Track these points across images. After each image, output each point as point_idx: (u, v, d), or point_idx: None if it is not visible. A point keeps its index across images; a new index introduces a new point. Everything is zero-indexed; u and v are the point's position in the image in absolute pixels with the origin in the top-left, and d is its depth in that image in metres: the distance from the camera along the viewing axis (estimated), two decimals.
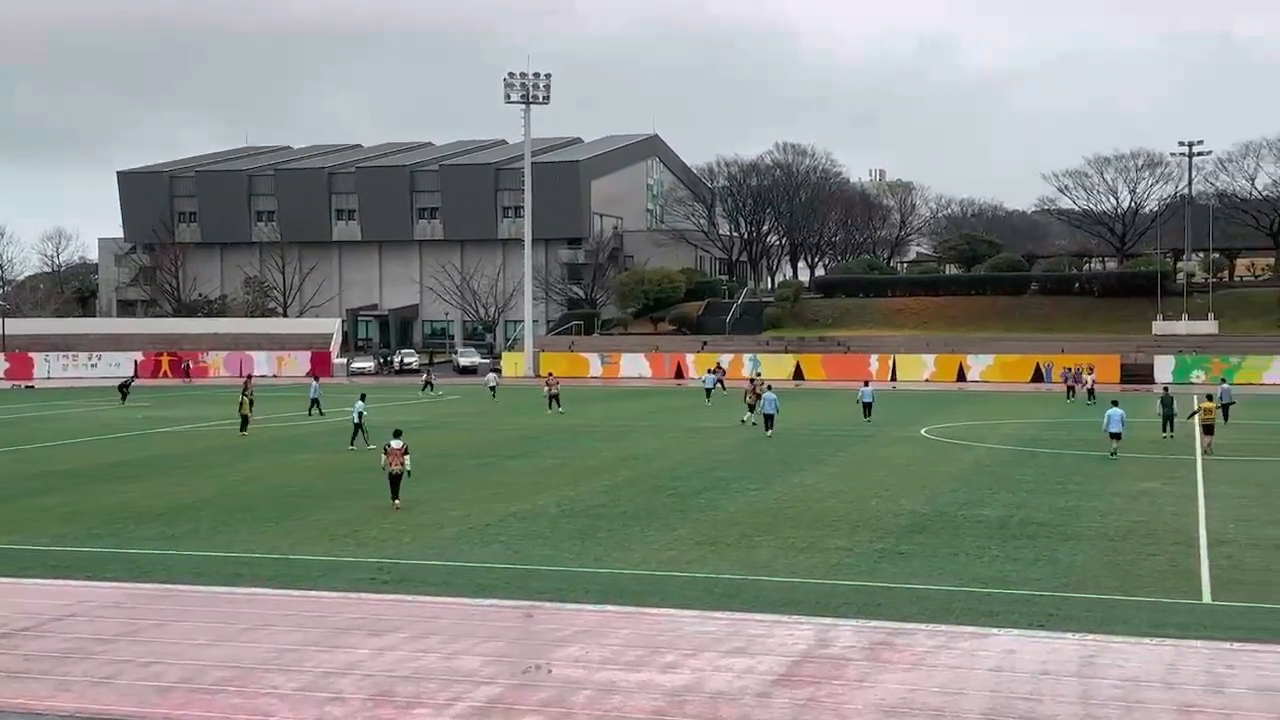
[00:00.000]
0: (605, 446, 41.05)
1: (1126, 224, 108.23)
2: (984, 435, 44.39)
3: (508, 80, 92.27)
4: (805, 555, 22.29)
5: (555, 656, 15.71)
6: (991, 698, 13.91)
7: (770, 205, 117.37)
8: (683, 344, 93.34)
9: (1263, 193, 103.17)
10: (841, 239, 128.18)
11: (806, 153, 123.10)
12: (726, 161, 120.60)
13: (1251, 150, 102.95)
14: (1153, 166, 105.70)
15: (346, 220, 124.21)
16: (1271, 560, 21.53)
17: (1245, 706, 13.60)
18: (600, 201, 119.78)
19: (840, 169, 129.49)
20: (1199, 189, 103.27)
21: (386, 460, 27.64)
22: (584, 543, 23.62)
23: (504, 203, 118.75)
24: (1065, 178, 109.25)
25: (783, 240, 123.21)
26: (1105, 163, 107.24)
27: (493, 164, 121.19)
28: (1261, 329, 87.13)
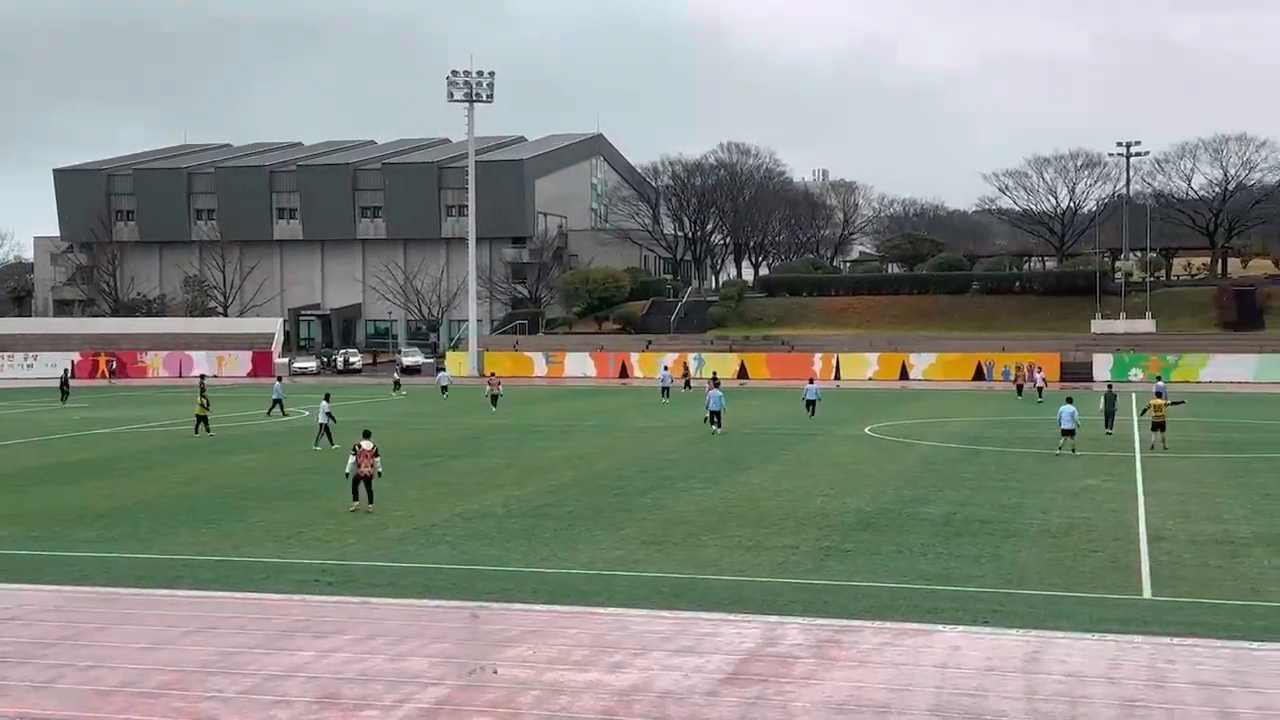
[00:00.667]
0: (551, 446, 40.97)
1: (1066, 224, 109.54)
2: (927, 433, 44.74)
3: (451, 79, 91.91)
4: (752, 554, 22.35)
5: (502, 657, 15.64)
6: (937, 694, 14.01)
7: (714, 204, 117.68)
8: (627, 343, 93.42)
9: (1199, 193, 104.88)
10: (785, 238, 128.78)
11: (750, 152, 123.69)
12: (671, 161, 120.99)
13: (1188, 151, 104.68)
14: (1091, 167, 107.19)
15: (288, 219, 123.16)
16: (1209, 556, 21.85)
17: (1186, 700, 13.79)
18: (544, 200, 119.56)
19: (784, 168, 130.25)
20: (1137, 189, 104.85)
21: (355, 461, 26.81)
22: (530, 543, 23.55)
23: (447, 201, 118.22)
24: (1005, 178, 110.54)
25: (727, 239, 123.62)
26: (1045, 163, 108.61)
27: (436, 163, 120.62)
28: (1198, 327, 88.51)
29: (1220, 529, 24.44)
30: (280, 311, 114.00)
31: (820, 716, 13.27)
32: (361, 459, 26.69)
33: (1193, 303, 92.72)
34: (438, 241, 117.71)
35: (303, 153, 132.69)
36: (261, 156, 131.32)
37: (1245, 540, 23.24)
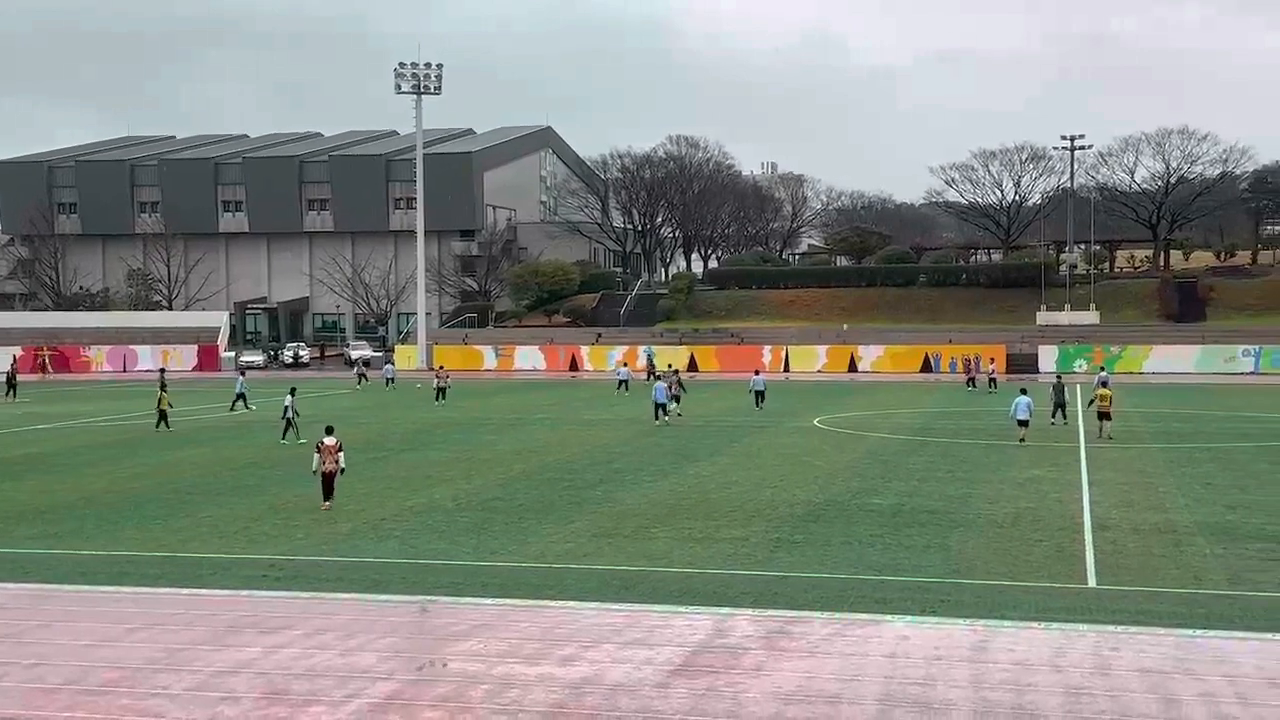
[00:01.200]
0: (501, 439, 40.87)
1: (1011, 216, 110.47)
2: (875, 425, 45.02)
3: (398, 70, 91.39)
4: (701, 546, 22.40)
5: (453, 651, 15.60)
6: (886, 684, 14.11)
7: (663, 197, 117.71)
8: (577, 336, 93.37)
9: (1141, 186, 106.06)
10: (734, 231, 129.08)
11: (699, 145, 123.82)
12: (620, 154, 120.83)
13: (1131, 144, 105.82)
14: (1036, 160, 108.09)
15: (233, 212, 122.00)
16: (1153, 545, 22.13)
17: (1130, 688, 13.96)
18: (493, 193, 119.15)
19: (732, 162, 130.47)
20: (1080, 182, 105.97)
21: (320, 459, 26.32)
22: (480, 536, 23.49)
23: (395, 194, 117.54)
24: (952, 171, 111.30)
25: (676, 232, 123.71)
26: (990, 156, 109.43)
27: (383, 155, 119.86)
28: (1141, 319, 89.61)
29: (1163, 518, 24.76)
30: (226, 305, 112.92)
31: (770, 707, 13.33)
32: (325, 455, 26.29)
33: (1136, 295, 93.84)
34: (386, 234, 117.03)
35: (248, 145, 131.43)
36: (206, 149, 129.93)
37: (1188, 529, 23.57)
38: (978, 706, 13.32)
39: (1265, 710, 13.17)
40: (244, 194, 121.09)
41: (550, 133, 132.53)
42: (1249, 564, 20.49)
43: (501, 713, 13.19)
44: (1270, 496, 27.34)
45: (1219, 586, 19.01)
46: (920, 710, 13.20)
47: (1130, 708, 13.27)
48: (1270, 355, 76.91)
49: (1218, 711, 13.16)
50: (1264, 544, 22.06)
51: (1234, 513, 25.29)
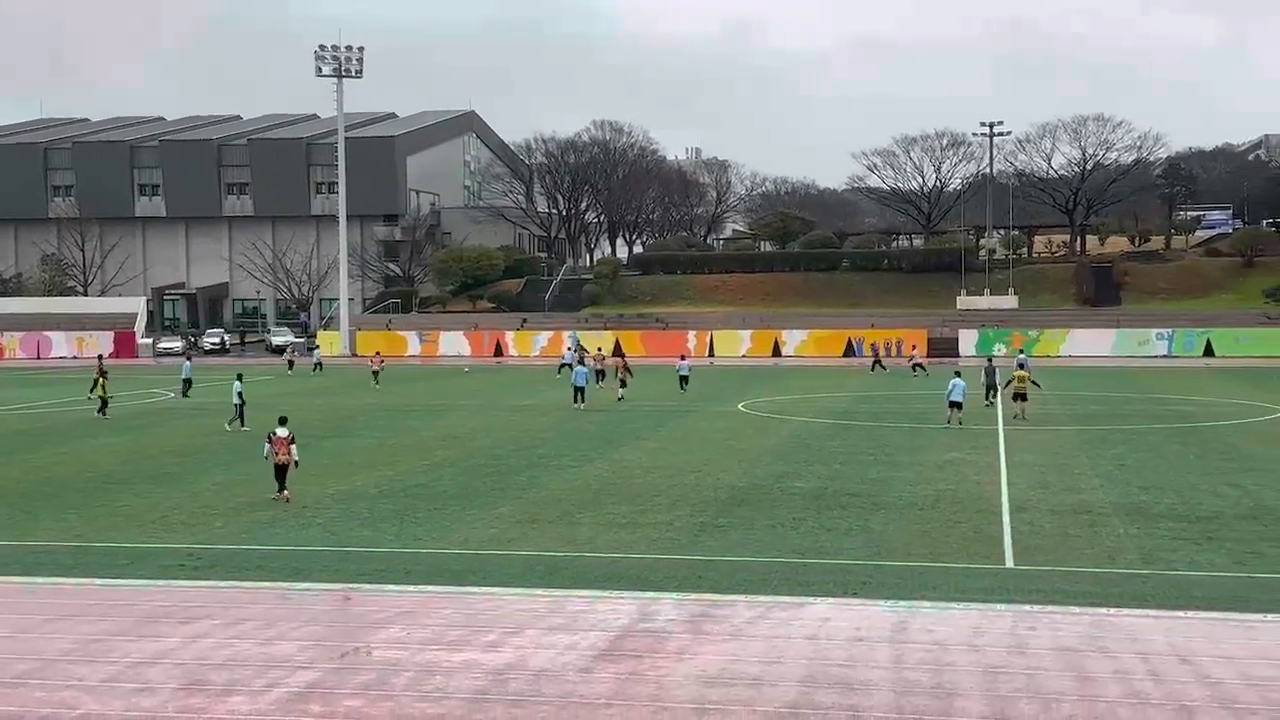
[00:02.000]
0: (424, 426, 40.64)
1: (932, 202, 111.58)
2: (799, 409, 45.35)
3: (319, 53, 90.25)
4: (626, 531, 22.45)
5: (375, 639, 15.51)
6: (808, 665, 14.24)
7: (588, 183, 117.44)
8: (502, 321, 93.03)
9: (1058, 172, 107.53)
10: (659, 216, 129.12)
11: (624, 130, 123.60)
12: (544, 138, 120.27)
13: (1048, 131, 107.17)
14: (956, 146, 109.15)
15: (150, 196, 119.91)
16: (1069, 526, 22.52)
17: (1046, 666, 14.21)
18: (416, 178, 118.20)
19: (657, 147, 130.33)
20: (1000, 168, 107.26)
21: (271, 449, 25.69)
22: (404, 523, 23.36)
23: (317, 178, 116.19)
24: (874, 156, 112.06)
25: (601, 217, 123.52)
26: (912, 142, 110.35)
27: (304, 139, 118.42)
28: (1059, 303, 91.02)
29: (1079, 499, 25.20)
30: (144, 291, 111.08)
31: (693, 691, 13.40)
32: (278, 446, 25.58)
33: (1053, 279, 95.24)
34: (307, 219, 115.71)
35: (165, 128, 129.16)
36: (122, 131, 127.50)
37: (1102, 509, 24.01)
38: (897, 686, 13.49)
39: (1176, 686, 13.46)
40: (161, 178, 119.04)
41: (474, 117, 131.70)
42: (1161, 543, 20.93)
43: (424, 700, 13.14)
44: (1181, 477, 27.93)
45: (1132, 565, 19.40)
46: (841, 690, 13.34)
47: (1046, 686, 13.50)
48: (1182, 338, 78.49)
49: (1131, 689, 13.43)
50: (1175, 523, 22.54)
51: (1147, 493, 25.80)
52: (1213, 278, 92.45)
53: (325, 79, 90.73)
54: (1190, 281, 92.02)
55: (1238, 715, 12.59)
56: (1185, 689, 13.37)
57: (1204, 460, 30.66)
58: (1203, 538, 21.27)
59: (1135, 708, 12.84)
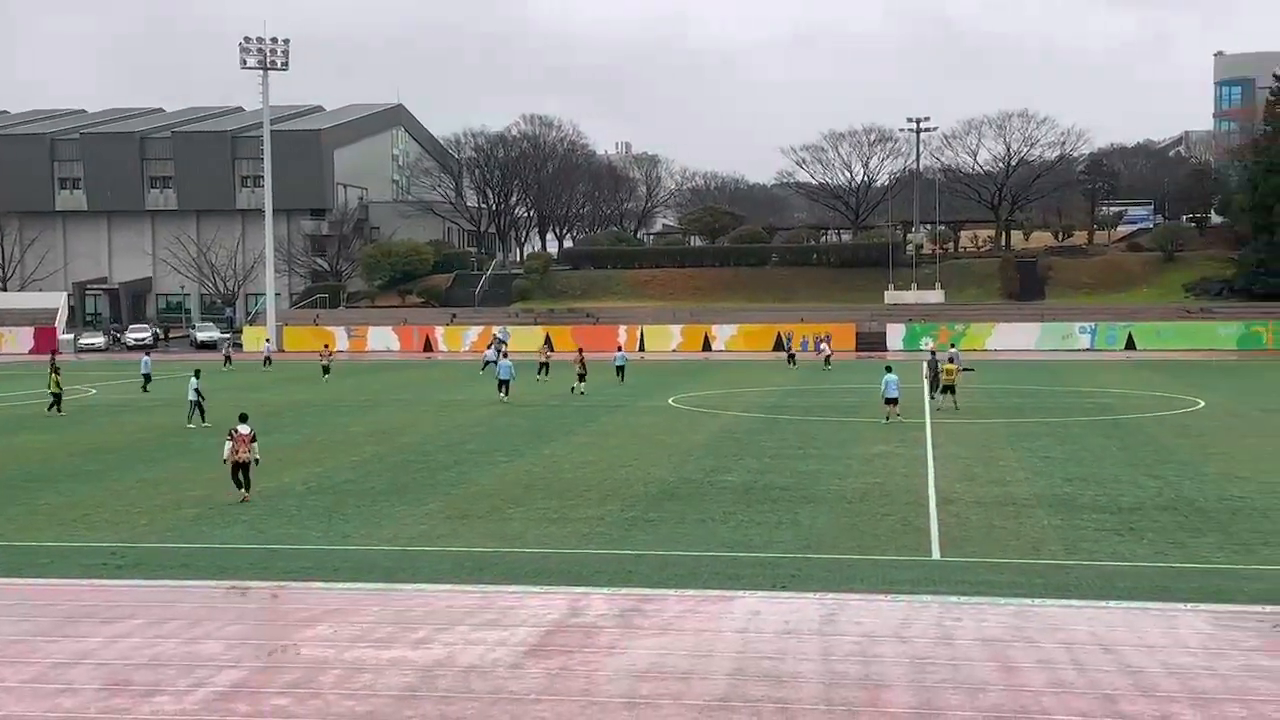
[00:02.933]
0: (353, 421, 40.31)
1: (860, 197, 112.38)
2: (729, 403, 45.52)
3: (243, 45, 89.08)
4: (556, 526, 22.42)
5: (302, 637, 15.37)
6: (738, 658, 14.31)
7: (518, 177, 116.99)
8: (431, 316, 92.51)
9: (984, 168, 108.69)
10: (589, 211, 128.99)
11: (553, 125, 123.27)
12: (473, 133, 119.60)
13: (974, 127, 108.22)
14: (884, 142, 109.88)
15: (71, 189, 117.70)
16: (994, 517, 22.81)
17: (971, 657, 14.38)
18: (344, 172, 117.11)
19: (587, 141, 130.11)
20: (926, 164, 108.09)
21: (232, 447, 24.85)
22: (331, 520, 23.16)
23: (242, 172, 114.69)
24: (803, 152, 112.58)
25: (531, 212, 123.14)
26: (840, 138, 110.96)
27: (229, 132, 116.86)
28: (984, 297, 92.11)
29: (1004, 491, 25.53)
30: (64, 286, 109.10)
31: (624, 685, 13.41)
32: (238, 444, 24.88)
33: (979, 274, 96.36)
34: (233, 213, 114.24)
35: (86, 120, 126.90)
36: (42, 124, 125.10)
37: (1027, 501, 24.34)
38: (826, 678, 13.59)
39: (1099, 675, 13.68)
40: (82, 171, 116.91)
41: (402, 111, 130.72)
42: (1084, 534, 21.26)
43: (352, 698, 13.05)
44: (1104, 469, 28.38)
45: (1056, 556, 19.68)
46: (771, 683, 13.41)
47: (972, 676, 13.67)
48: (1105, 332, 79.73)
49: (1055, 677, 13.64)
50: (1098, 515, 22.90)
51: (1070, 485, 26.19)
52: (1134, 272, 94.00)
53: (250, 71, 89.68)
54: (1112, 276, 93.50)
55: (1158, 703, 12.82)
56: (1108, 678, 13.60)
57: (1126, 452, 31.18)
58: (1125, 529, 21.63)
59: (1059, 697, 13.03)
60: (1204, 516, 22.62)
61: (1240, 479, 26.72)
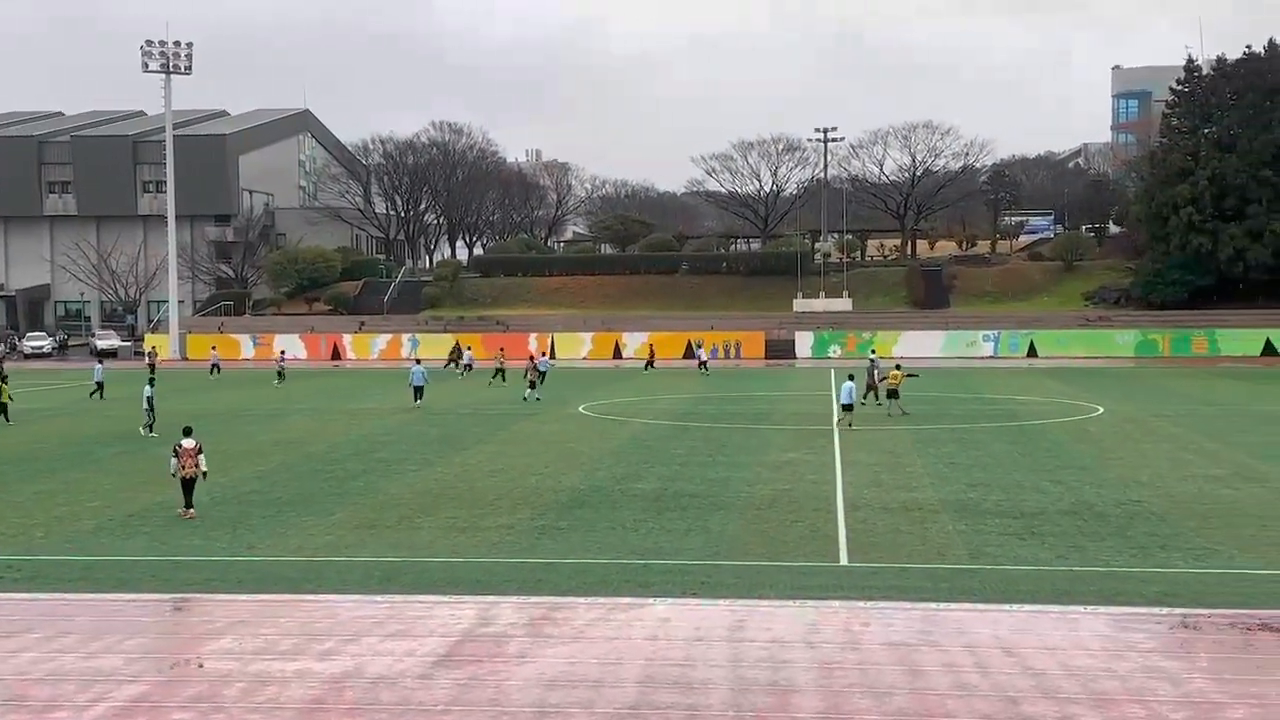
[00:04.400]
0: (259, 430, 39.74)
1: (769, 206, 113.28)
2: (640, 411, 45.60)
3: (145, 49, 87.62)
4: (466, 535, 22.30)
5: (206, 650, 15.11)
6: (647, 666, 14.33)
7: (427, 184, 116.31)
8: (339, 324, 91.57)
9: (890, 177, 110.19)
10: (500, 218, 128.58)
11: (463, 132, 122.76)
12: (382, 139, 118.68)
13: (880, 137, 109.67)
14: (792, 151, 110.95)
15: None
16: (900, 523, 23.09)
17: (878, 660, 14.54)
18: (250, 177, 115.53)
19: (497, 148, 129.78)
20: (833, 173, 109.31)
21: (178, 463, 23.99)
22: (236, 531, 22.81)
23: (144, 177, 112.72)
24: (712, 160, 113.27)
25: (441, 219, 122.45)
26: (749, 147, 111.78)
27: (130, 136, 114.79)
28: (891, 305, 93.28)
29: (910, 496, 25.87)
30: None
31: (533, 694, 13.37)
32: (184, 459, 24.06)
33: (886, 282, 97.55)
34: (134, 219, 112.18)
35: None
36: None
37: (932, 506, 24.68)
38: (735, 685, 13.66)
39: (1001, 677, 13.91)
40: None
41: (309, 116, 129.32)
42: (988, 539, 21.61)
43: (256, 711, 12.86)
44: (1007, 475, 28.87)
45: (961, 561, 19.98)
46: (680, 690, 13.45)
47: (878, 680, 13.82)
48: (1008, 339, 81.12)
49: (959, 680, 13.84)
50: (1001, 519, 23.29)
51: (975, 490, 26.60)
52: (1036, 281, 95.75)
53: (153, 75, 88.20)
54: (1015, 284, 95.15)
55: (1059, 704, 13.06)
56: (1010, 680, 13.83)
57: (1028, 458, 31.74)
58: (1027, 533, 22.02)
59: (963, 699, 13.23)
60: (1103, 521, 23.10)
61: (1138, 484, 27.33)
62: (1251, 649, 15.11)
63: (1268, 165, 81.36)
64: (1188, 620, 16.31)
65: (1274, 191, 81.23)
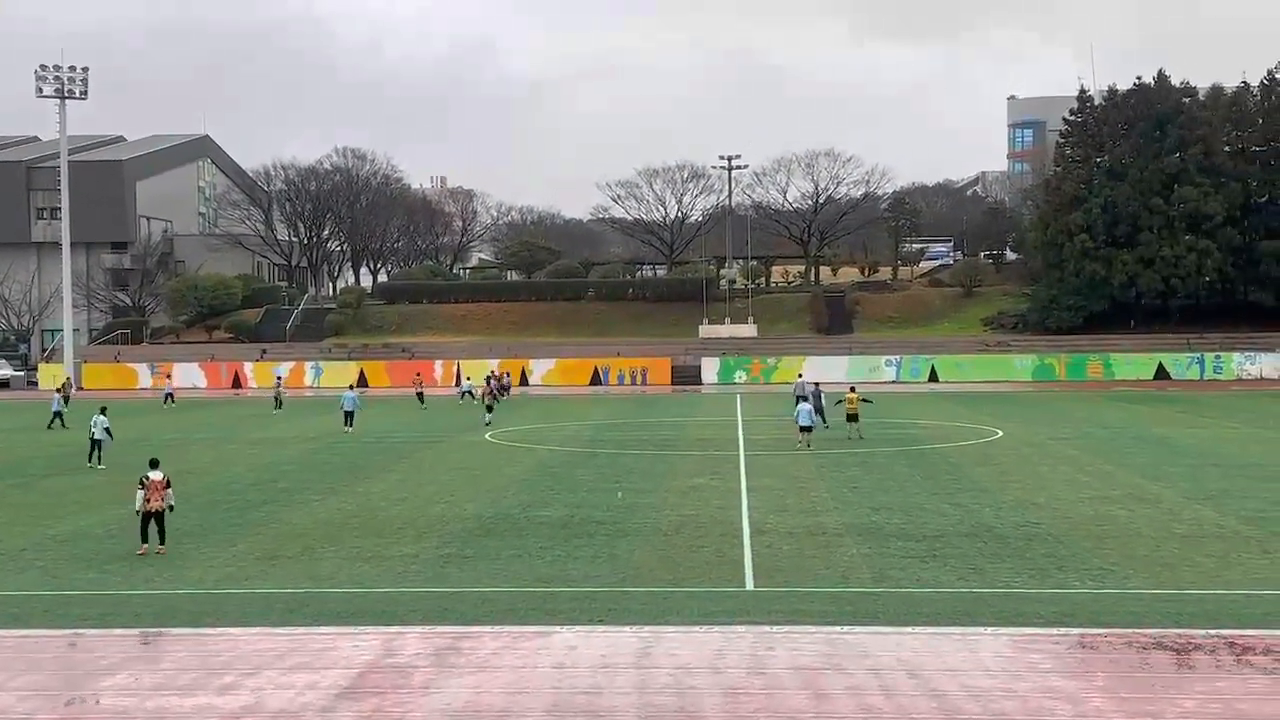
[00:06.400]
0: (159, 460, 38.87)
1: (675, 233, 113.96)
2: (546, 437, 45.49)
3: (40, 73, 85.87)
4: (370, 564, 22.05)
5: (101, 686, 14.76)
6: (554, 694, 14.28)
7: (330, 210, 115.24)
8: (240, 352, 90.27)
9: (793, 205, 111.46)
10: (404, 245, 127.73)
11: (366, 158, 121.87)
12: (284, 165, 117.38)
13: (783, 165, 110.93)
14: (697, 179, 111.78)
15: None
16: (805, 547, 23.27)
17: (784, 685, 14.63)
18: (147, 204, 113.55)
19: (401, 174, 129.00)
20: (738, 200, 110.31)
21: (144, 495, 22.99)
22: (133, 564, 22.32)
23: (38, 203, 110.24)
24: (618, 187, 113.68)
25: (344, 246, 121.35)
26: (654, 174, 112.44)
27: (24, 162, 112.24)
28: (795, 330, 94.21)
29: (814, 521, 26.08)
30: None
31: None
32: (151, 492, 23.15)
33: (790, 308, 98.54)
34: (28, 246, 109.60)
35: None
36: None
37: (837, 531, 24.91)
38: (642, 712, 13.66)
39: (905, 700, 14.07)
40: None
41: (208, 142, 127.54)
42: (891, 561, 21.85)
43: None
44: (909, 497, 29.24)
45: (865, 584, 20.18)
46: (587, 718, 13.41)
47: (784, 704, 13.91)
48: (909, 364, 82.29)
49: (863, 703, 13.97)
50: (904, 542, 23.57)
51: (878, 514, 26.91)
52: (936, 307, 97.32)
53: (47, 100, 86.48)
54: (916, 310, 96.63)
55: None
56: (913, 702, 13.99)
57: (930, 481, 32.19)
58: (929, 555, 22.31)
59: None
60: (1002, 543, 23.48)
61: (1035, 505, 27.84)
62: (1147, 667, 15.44)
63: (1158, 194, 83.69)
64: (1085, 640, 16.64)
65: (1164, 219, 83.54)
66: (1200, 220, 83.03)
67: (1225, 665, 15.49)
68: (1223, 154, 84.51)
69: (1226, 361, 79.92)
